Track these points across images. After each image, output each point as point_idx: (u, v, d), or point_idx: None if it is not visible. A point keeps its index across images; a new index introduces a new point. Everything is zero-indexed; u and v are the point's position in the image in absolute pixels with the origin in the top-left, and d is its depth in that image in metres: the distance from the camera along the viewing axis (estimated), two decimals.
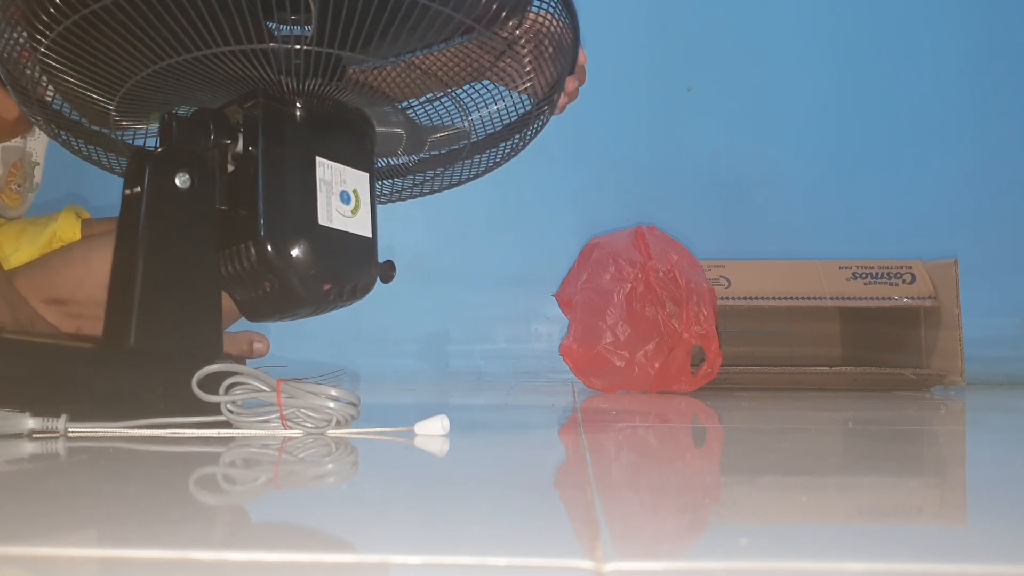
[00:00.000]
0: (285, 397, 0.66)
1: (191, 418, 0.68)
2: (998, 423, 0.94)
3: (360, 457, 0.62)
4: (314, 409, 0.67)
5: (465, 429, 0.77)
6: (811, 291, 1.26)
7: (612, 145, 1.55)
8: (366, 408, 0.74)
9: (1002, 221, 1.52)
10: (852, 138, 1.55)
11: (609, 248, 1.21)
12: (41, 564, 0.35)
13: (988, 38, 1.55)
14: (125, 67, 0.67)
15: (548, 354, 1.45)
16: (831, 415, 0.94)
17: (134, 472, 0.55)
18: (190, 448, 0.64)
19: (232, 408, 0.67)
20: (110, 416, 0.66)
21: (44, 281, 0.78)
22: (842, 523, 0.44)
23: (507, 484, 0.55)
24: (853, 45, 1.56)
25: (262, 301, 0.72)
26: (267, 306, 0.72)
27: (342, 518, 0.43)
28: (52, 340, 0.73)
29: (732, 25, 1.57)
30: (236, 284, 0.71)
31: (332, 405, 0.68)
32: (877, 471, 0.60)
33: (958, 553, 0.38)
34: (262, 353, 0.91)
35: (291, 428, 0.67)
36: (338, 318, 1.52)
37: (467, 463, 0.64)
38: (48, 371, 0.66)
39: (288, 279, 0.69)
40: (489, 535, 0.40)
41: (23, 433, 0.64)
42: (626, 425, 0.79)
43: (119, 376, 0.68)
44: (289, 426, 0.67)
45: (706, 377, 1.13)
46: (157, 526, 0.40)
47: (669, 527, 0.43)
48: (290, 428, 0.67)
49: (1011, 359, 1.44)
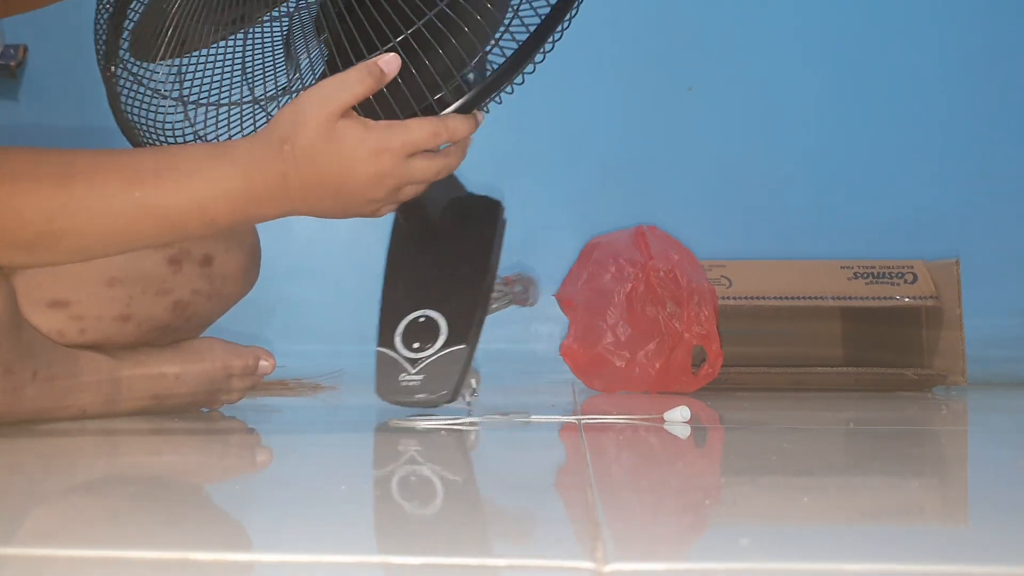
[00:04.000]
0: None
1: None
2: (1000, 423, 0.94)
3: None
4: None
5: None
6: (812, 291, 1.26)
7: (612, 145, 1.55)
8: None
9: (1004, 221, 1.52)
10: (853, 138, 1.55)
11: (609, 248, 1.21)
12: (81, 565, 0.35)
13: (989, 38, 1.55)
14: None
15: (548, 354, 1.45)
16: (832, 415, 0.94)
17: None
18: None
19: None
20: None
21: (44, 280, 0.78)
22: (843, 524, 0.44)
23: (508, 484, 0.55)
24: (854, 44, 1.56)
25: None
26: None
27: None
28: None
29: (732, 25, 1.56)
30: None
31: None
32: (878, 472, 0.60)
33: (959, 554, 0.37)
34: (267, 371, 0.90)
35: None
36: (338, 318, 1.52)
37: (468, 462, 0.64)
38: None
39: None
40: (489, 535, 0.39)
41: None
42: (627, 425, 0.79)
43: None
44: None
45: (707, 377, 1.13)
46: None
47: (670, 528, 0.43)
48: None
49: (1013, 359, 1.44)
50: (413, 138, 0.64)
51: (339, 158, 0.64)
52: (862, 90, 1.55)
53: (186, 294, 0.84)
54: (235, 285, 0.88)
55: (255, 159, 0.64)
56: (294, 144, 0.63)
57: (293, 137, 0.63)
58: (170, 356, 0.85)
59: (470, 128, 0.67)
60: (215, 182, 0.65)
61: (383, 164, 0.64)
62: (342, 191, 0.65)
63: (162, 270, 0.81)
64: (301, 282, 1.49)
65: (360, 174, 0.64)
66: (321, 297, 1.50)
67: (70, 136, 1.48)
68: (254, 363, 0.89)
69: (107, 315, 0.80)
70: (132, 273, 0.80)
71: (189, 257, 0.83)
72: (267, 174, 0.64)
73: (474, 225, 0.81)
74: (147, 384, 0.83)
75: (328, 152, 0.63)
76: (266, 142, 0.65)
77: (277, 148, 0.64)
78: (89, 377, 0.79)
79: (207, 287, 0.85)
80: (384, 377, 0.76)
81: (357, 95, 0.63)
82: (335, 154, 0.63)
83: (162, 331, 0.84)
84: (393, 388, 0.75)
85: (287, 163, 0.64)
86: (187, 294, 0.84)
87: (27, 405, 0.74)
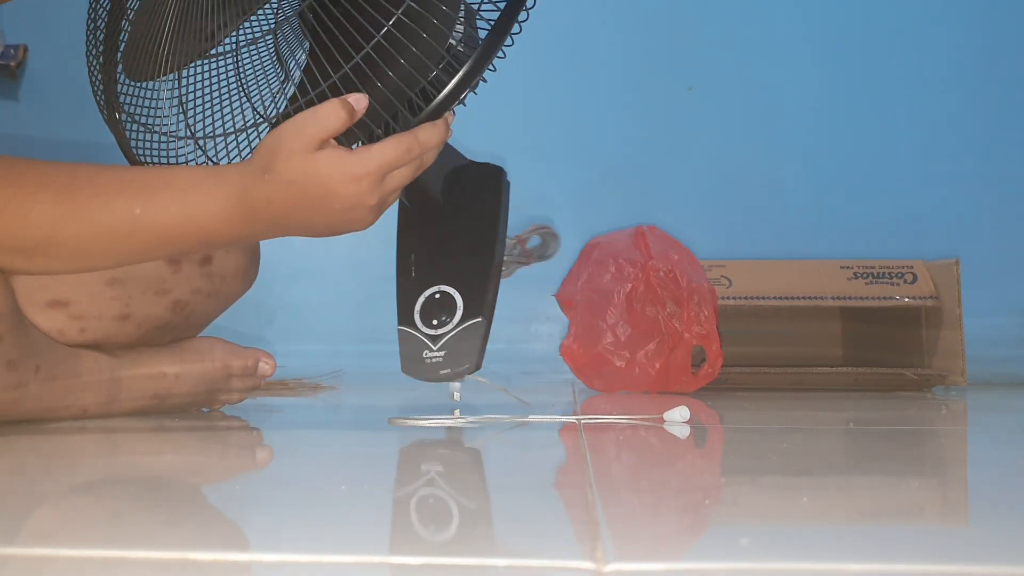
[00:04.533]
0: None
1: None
2: (999, 423, 0.94)
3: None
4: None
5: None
6: (812, 291, 1.26)
7: (612, 145, 1.55)
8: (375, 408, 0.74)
9: (1004, 221, 1.52)
10: (853, 138, 1.54)
11: (609, 248, 1.21)
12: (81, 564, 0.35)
13: (989, 38, 1.55)
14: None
15: (548, 354, 1.45)
16: (832, 415, 0.94)
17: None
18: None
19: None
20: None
21: (44, 280, 0.78)
22: (843, 524, 0.44)
23: (508, 484, 0.55)
24: (854, 45, 1.56)
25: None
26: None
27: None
28: None
29: (732, 25, 1.56)
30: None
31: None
32: (878, 471, 0.60)
33: (959, 554, 0.37)
34: (267, 374, 0.91)
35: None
36: (338, 319, 1.52)
37: (468, 462, 0.64)
38: None
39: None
40: (489, 535, 0.40)
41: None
42: (627, 425, 0.79)
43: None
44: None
45: (707, 377, 1.13)
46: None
47: (670, 528, 0.43)
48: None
49: (1013, 359, 1.44)
50: (388, 159, 0.66)
51: (317, 185, 0.65)
52: (862, 90, 1.54)
53: (186, 293, 0.84)
54: (234, 284, 0.89)
55: (244, 183, 0.67)
56: (274, 173, 0.65)
57: (272, 166, 0.65)
58: (170, 356, 0.85)
59: (441, 135, 0.69)
60: (212, 202, 0.67)
61: (362, 187, 0.66)
62: (324, 213, 0.67)
63: (162, 270, 0.82)
64: (301, 283, 1.49)
65: (340, 197, 0.66)
66: (321, 298, 1.50)
67: (70, 137, 1.48)
68: (254, 364, 0.89)
69: (107, 314, 0.80)
70: (132, 273, 0.80)
71: (188, 257, 0.83)
72: (255, 199, 0.66)
73: (477, 194, 0.82)
74: (147, 384, 0.83)
75: (307, 180, 0.65)
76: (250, 170, 0.67)
77: (260, 176, 0.66)
78: (90, 376, 0.79)
79: (207, 286, 0.85)
80: (408, 355, 0.78)
81: (330, 131, 0.65)
82: (314, 181, 0.65)
83: (162, 330, 0.85)
84: (418, 366, 0.77)
85: (270, 190, 0.66)
86: (187, 293, 0.84)
87: (29, 404, 0.74)
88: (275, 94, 0.76)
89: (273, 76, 0.76)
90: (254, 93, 0.76)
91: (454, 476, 0.57)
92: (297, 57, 0.76)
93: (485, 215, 0.81)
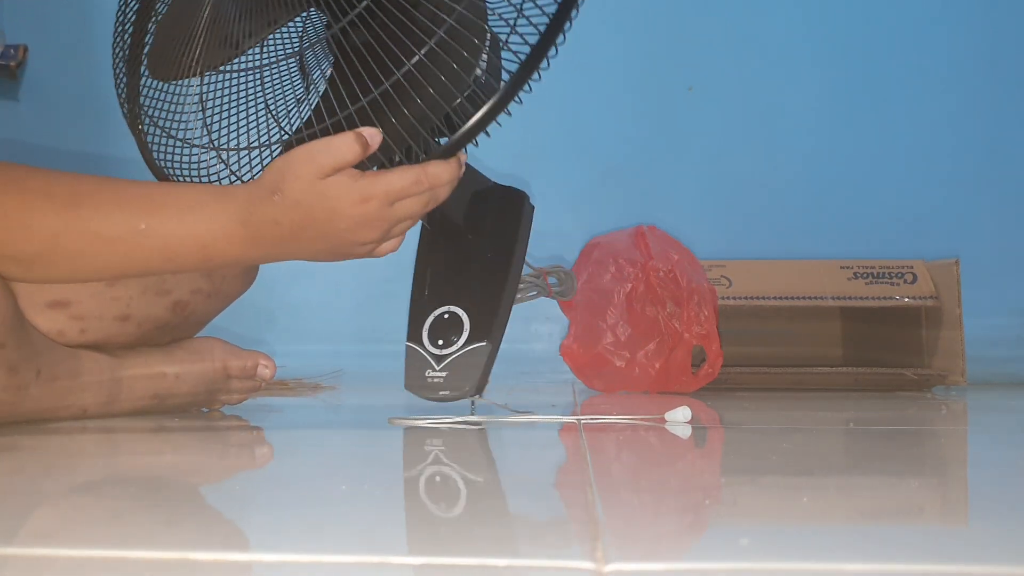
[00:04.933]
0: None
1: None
2: (999, 423, 0.94)
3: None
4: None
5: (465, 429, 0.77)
6: (812, 291, 1.26)
7: (612, 145, 1.55)
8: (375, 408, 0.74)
9: (1003, 221, 1.52)
10: (853, 138, 1.54)
11: (609, 248, 1.21)
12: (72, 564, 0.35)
13: (989, 38, 1.55)
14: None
15: (548, 354, 1.45)
16: (832, 415, 0.94)
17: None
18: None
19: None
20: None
21: None
22: (843, 524, 0.44)
23: (508, 484, 0.55)
24: (854, 45, 1.56)
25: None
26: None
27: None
28: None
29: (732, 25, 1.56)
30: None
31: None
32: (878, 472, 0.60)
33: (959, 554, 0.37)
34: (267, 377, 0.91)
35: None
36: (338, 319, 1.52)
37: (468, 462, 0.64)
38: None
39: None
40: (489, 535, 0.39)
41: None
42: (627, 425, 0.79)
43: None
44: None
45: (707, 377, 1.13)
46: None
47: (670, 528, 0.43)
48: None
49: (1012, 359, 1.44)
50: (396, 187, 0.66)
51: (325, 208, 0.66)
52: (862, 90, 1.54)
53: (185, 294, 0.84)
54: (234, 284, 0.89)
55: (251, 204, 0.67)
56: (283, 195, 0.66)
57: (282, 189, 0.66)
58: (170, 356, 0.85)
59: (451, 173, 0.69)
60: (215, 221, 0.67)
61: (369, 210, 0.66)
62: (332, 236, 0.68)
63: None
64: (301, 283, 1.50)
65: (347, 218, 0.66)
66: (321, 298, 1.50)
67: (70, 137, 1.48)
68: (253, 366, 0.89)
69: (107, 315, 0.80)
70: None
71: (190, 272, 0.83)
72: (261, 219, 0.67)
73: (498, 218, 0.82)
74: (147, 384, 0.83)
75: (315, 201, 0.66)
76: (259, 191, 0.67)
77: (268, 197, 0.66)
78: (90, 377, 0.79)
79: (206, 286, 0.86)
80: (412, 372, 0.79)
81: (342, 163, 0.65)
82: (321, 202, 0.66)
83: (162, 330, 0.85)
84: (420, 383, 0.79)
85: (278, 211, 0.66)
86: (186, 293, 0.84)
87: (30, 405, 0.74)
88: (299, 101, 0.76)
89: (300, 87, 0.76)
90: (280, 110, 0.76)
91: (454, 476, 0.57)
92: (322, 67, 0.75)
93: (503, 240, 0.81)
